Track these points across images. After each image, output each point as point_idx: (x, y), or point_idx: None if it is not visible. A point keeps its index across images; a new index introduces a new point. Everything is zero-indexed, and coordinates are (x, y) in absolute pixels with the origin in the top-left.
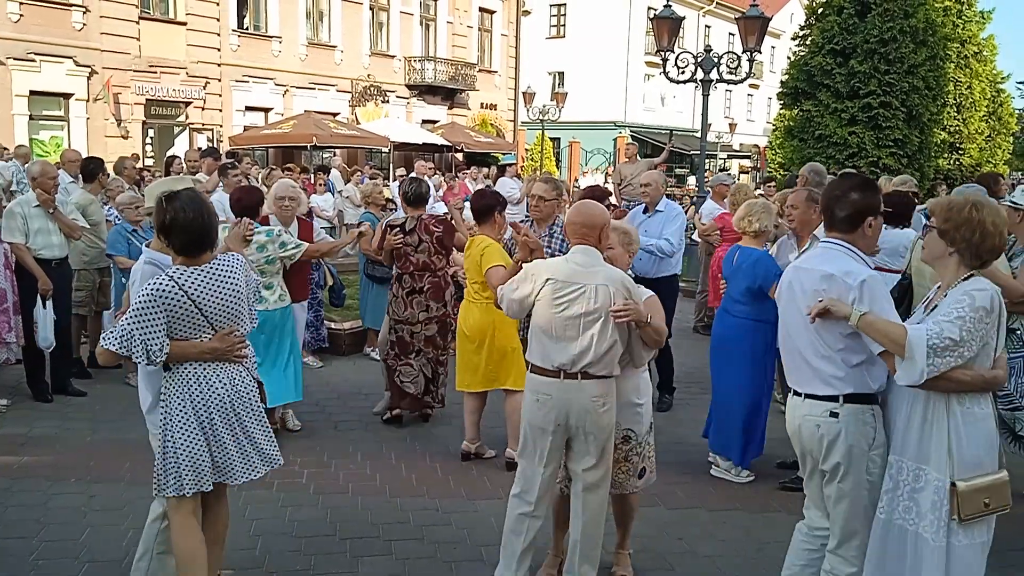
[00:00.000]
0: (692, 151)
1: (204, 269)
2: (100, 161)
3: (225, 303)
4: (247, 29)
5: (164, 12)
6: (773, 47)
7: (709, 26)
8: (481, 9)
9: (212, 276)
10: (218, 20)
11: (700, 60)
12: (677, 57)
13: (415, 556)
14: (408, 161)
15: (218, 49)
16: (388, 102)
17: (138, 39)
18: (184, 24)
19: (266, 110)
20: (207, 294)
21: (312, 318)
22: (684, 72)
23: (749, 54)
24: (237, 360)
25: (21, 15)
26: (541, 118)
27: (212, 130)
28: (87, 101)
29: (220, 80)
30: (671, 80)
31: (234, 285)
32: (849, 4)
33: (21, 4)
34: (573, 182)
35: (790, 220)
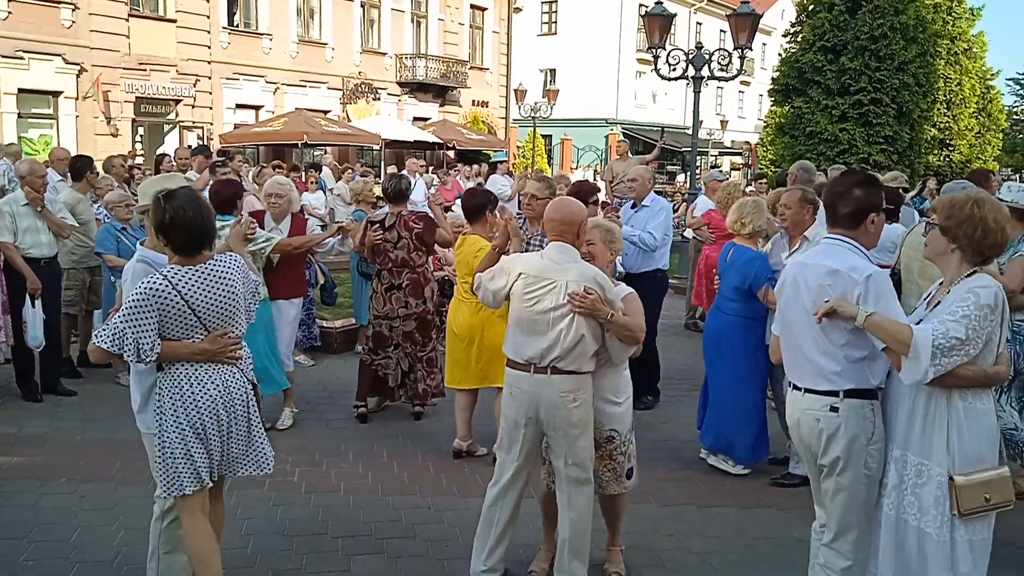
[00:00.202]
0: (684, 148)
1: (199, 269)
2: (89, 159)
3: (219, 304)
4: (237, 26)
5: (154, 9)
6: (764, 44)
7: (700, 23)
8: (472, 6)
9: (207, 276)
10: (208, 17)
11: (691, 57)
12: (668, 54)
13: (407, 554)
14: (399, 159)
15: (208, 47)
16: (379, 99)
17: (128, 36)
18: (174, 21)
19: (257, 108)
20: (201, 294)
21: (304, 316)
22: (675, 69)
23: (740, 51)
24: (230, 362)
25: (9, 12)
26: (533, 115)
27: (202, 128)
28: (76, 99)
29: (210, 78)
30: (662, 77)
31: (229, 286)
32: (840, 1)
33: (9, 1)
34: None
35: (783, 219)
